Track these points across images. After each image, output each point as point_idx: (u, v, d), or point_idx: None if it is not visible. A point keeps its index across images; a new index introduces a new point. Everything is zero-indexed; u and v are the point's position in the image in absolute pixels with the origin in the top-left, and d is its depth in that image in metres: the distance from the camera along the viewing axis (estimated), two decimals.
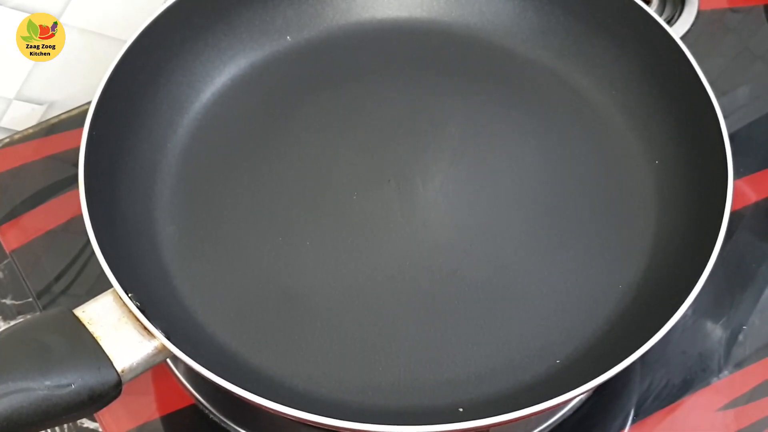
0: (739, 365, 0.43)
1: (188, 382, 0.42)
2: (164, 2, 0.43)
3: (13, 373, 0.30)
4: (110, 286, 0.34)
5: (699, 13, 0.53)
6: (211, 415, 0.41)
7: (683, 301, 0.36)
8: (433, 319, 0.39)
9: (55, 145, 0.49)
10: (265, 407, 0.33)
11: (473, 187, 0.43)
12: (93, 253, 0.35)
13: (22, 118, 0.51)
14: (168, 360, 0.37)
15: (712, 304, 0.45)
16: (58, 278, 0.45)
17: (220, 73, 0.45)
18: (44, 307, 0.44)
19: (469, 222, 0.42)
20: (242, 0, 0.46)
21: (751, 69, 0.53)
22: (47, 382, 0.30)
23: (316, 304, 0.39)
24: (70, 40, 0.49)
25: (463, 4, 0.48)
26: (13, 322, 0.45)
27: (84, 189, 0.37)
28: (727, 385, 0.42)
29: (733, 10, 0.55)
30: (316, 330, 0.39)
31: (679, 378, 0.43)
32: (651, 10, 0.44)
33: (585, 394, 0.41)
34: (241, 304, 0.39)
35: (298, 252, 0.41)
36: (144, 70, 0.42)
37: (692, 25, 0.53)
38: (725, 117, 0.40)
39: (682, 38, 0.48)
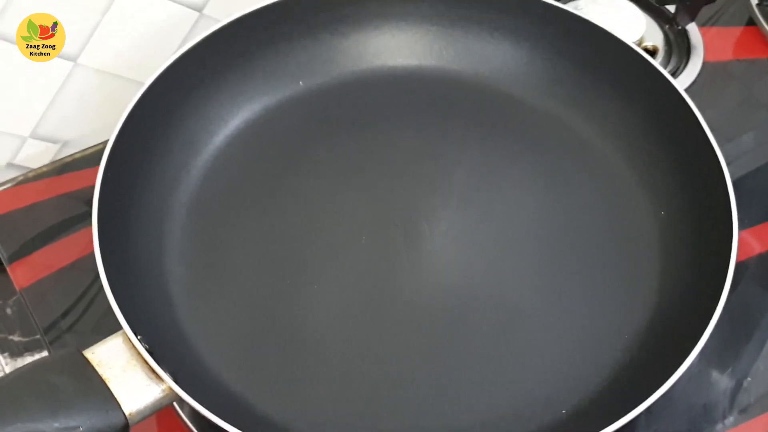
0: (743, 414, 0.43)
1: (193, 425, 0.41)
2: (180, 46, 0.44)
3: (23, 415, 0.30)
4: (117, 325, 0.35)
5: (704, 65, 0.54)
6: None
7: (689, 352, 0.36)
8: (439, 364, 0.39)
9: (68, 183, 0.50)
10: None
11: (479, 232, 0.43)
12: (99, 290, 0.36)
13: (36, 156, 0.52)
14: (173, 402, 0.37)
15: (717, 354, 0.44)
16: (64, 315, 0.45)
17: (234, 117, 0.46)
18: (50, 343, 0.44)
19: (475, 267, 0.42)
20: (256, 45, 0.47)
21: (755, 116, 0.53)
22: (56, 424, 0.30)
23: (323, 348, 0.39)
24: (85, 81, 0.50)
25: (472, 53, 0.49)
26: (19, 359, 0.45)
27: (97, 229, 0.37)
28: None
29: (737, 61, 0.55)
30: (321, 374, 0.39)
31: (683, 428, 0.42)
32: (656, 63, 0.45)
33: None
34: (247, 346, 0.39)
35: (305, 295, 0.41)
36: (159, 112, 0.43)
37: (697, 75, 0.53)
38: (729, 163, 0.41)
39: (688, 89, 0.49)
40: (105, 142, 0.40)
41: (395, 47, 0.49)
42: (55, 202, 0.49)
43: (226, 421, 0.33)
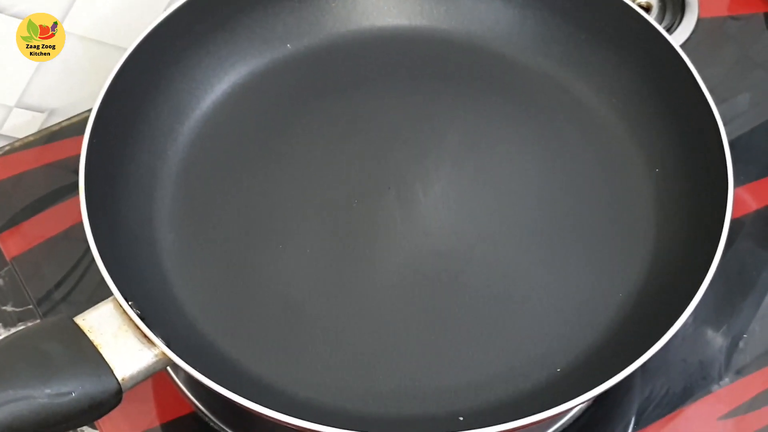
0: (740, 373, 0.43)
1: (188, 390, 0.41)
2: (164, 10, 0.43)
3: (14, 381, 0.30)
4: (110, 293, 0.34)
5: (699, 21, 0.53)
6: (211, 423, 0.41)
7: (684, 310, 0.36)
8: (434, 326, 0.39)
9: (56, 152, 0.49)
10: (265, 415, 0.33)
11: (473, 194, 0.43)
12: (93, 260, 0.35)
13: (23, 125, 0.51)
14: (168, 368, 0.37)
15: (713, 312, 0.44)
16: (58, 285, 0.45)
17: (220, 81, 0.45)
18: (44, 314, 0.44)
19: (469, 229, 0.42)
20: (242, 8, 0.46)
21: (751, 76, 0.53)
22: (48, 390, 0.30)
23: (316, 312, 0.39)
24: (70, 47, 0.49)
25: (464, 11, 0.48)
26: (13, 329, 0.45)
27: (84, 197, 0.37)
28: (728, 393, 0.42)
29: (733, 18, 0.55)
30: (316, 338, 0.39)
31: (679, 386, 0.43)
32: (651, 18, 0.44)
33: (586, 403, 0.40)
34: (241, 312, 0.39)
35: (297, 260, 0.41)
36: (144, 78, 0.42)
37: (692, 32, 0.53)
38: (725, 124, 0.40)
39: (682, 46, 0.48)
40: (91, 110, 0.40)
41: (384, 7, 0.48)
42: (43, 171, 0.49)
43: (220, 384, 0.33)
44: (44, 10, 0.46)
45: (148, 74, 0.43)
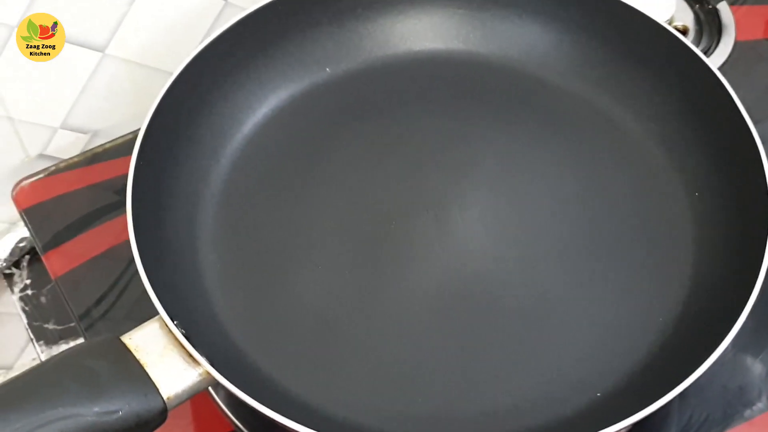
0: None
1: (228, 409, 0.42)
2: (206, 35, 0.44)
3: (63, 399, 0.31)
4: (149, 311, 0.35)
5: (736, 44, 0.53)
6: None
7: (725, 335, 0.35)
8: (472, 349, 0.39)
9: (99, 173, 0.50)
10: None
11: (510, 217, 0.43)
12: (132, 278, 0.36)
13: (67, 146, 0.52)
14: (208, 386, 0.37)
15: (753, 337, 0.44)
16: (98, 303, 0.46)
17: (261, 105, 0.46)
18: (85, 330, 0.45)
19: (507, 252, 0.42)
20: (282, 33, 0.47)
21: None
22: (96, 409, 0.31)
23: (355, 333, 0.40)
24: (115, 71, 0.50)
25: (500, 35, 0.48)
26: (55, 347, 0.46)
27: (132, 217, 0.37)
28: None
29: None
30: (355, 359, 0.39)
31: (719, 412, 0.42)
32: (688, 41, 0.44)
33: (625, 429, 0.40)
34: (281, 331, 0.40)
35: (336, 280, 0.41)
36: (189, 101, 0.43)
37: (729, 56, 0.53)
38: (763, 144, 0.40)
39: (719, 69, 0.48)
40: (134, 132, 0.41)
41: (421, 31, 0.48)
42: (86, 191, 0.49)
43: (261, 403, 0.33)
44: (88, 35, 0.48)
45: (191, 98, 0.43)
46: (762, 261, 0.37)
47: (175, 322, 0.34)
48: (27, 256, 0.49)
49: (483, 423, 0.37)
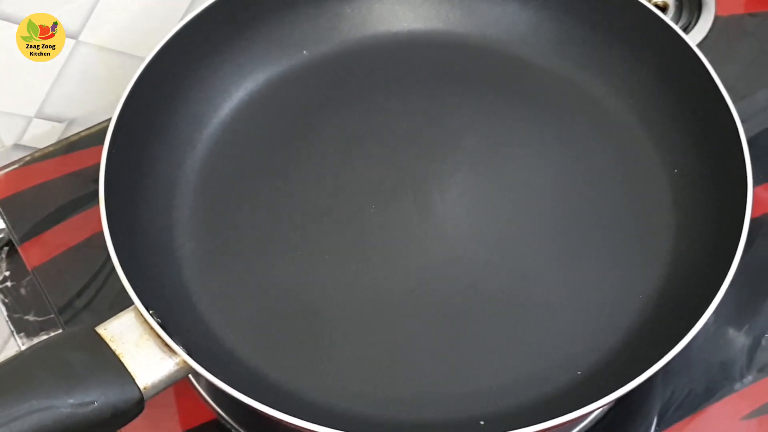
0: (762, 371, 0.42)
1: (210, 397, 0.42)
2: (181, 20, 0.44)
3: (38, 391, 0.30)
4: (131, 302, 0.35)
5: (716, 19, 0.53)
6: (233, 430, 0.41)
7: (704, 310, 0.35)
8: (453, 331, 0.39)
9: (75, 162, 0.50)
10: (285, 422, 0.33)
11: (491, 198, 0.43)
12: (114, 268, 0.35)
13: (42, 135, 0.52)
14: (190, 375, 0.37)
15: (734, 312, 0.44)
16: (79, 294, 0.46)
17: (238, 89, 0.46)
18: (66, 323, 0.44)
19: (488, 233, 0.42)
20: (258, 16, 0.46)
21: None
22: (71, 400, 0.30)
23: (336, 318, 0.39)
24: (88, 58, 0.50)
25: (479, 15, 0.48)
26: (36, 339, 0.45)
27: (105, 206, 0.37)
28: (751, 392, 0.42)
29: (750, 15, 0.54)
30: (335, 343, 0.39)
31: (701, 386, 0.42)
32: (667, 18, 0.44)
33: (607, 405, 0.40)
34: (260, 318, 0.39)
35: (316, 266, 0.41)
36: (162, 87, 0.43)
37: (709, 31, 0.52)
38: (743, 121, 0.40)
39: (700, 44, 0.48)
40: (110, 120, 0.40)
41: (400, 11, 0.48)
42: (63, 181, 0.49)
43: (240, 391, 0.33)
44: (63, 22, 0.47)
45: (165, 83, 0.43)
46: (740, 235, 0.37)
47: (150, 312, 0.34)
48: (5, 248, 0.48)
49: (465, 403, 0.37)
